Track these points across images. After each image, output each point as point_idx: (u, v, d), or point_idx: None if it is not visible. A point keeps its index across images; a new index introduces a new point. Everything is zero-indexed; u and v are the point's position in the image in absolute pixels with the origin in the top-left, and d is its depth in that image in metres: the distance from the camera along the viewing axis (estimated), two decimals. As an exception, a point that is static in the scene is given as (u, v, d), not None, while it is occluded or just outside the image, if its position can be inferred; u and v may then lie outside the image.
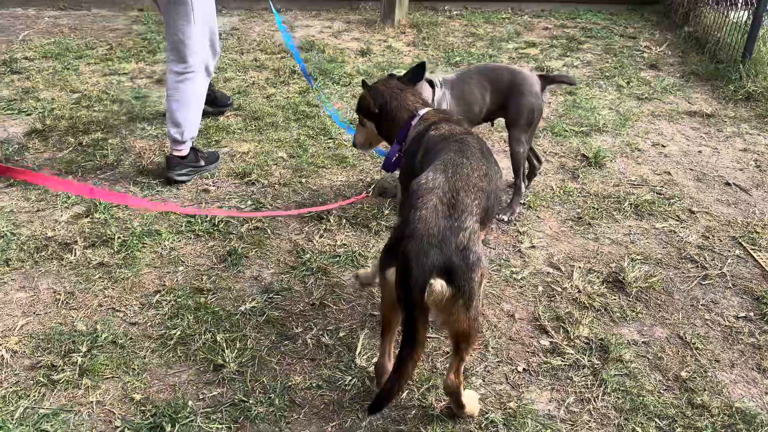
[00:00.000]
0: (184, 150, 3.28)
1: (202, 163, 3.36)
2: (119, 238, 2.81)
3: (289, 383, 2.11)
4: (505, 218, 3.04)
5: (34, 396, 2.03)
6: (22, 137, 3.71)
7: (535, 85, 2.95)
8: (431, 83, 2.93)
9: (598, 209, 3.15)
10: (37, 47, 5.19)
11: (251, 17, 6.15)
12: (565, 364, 2.24)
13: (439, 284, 1.68)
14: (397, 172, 2.50)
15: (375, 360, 2.13)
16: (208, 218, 2.95)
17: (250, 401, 2.04)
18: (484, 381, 2.16)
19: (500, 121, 3.14)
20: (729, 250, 2.88)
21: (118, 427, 1.94)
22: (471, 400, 1.99)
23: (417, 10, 6.45)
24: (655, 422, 2.02)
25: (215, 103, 3.99)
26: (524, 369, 2.22)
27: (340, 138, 3.78)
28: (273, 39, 5.52)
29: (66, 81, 4.53)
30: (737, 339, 2.38)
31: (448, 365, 1.94)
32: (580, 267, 2.73)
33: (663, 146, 3.83)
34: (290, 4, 6.42)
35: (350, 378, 2.14)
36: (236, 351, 2.22)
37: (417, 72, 2.61)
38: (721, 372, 2.23)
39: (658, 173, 3.52)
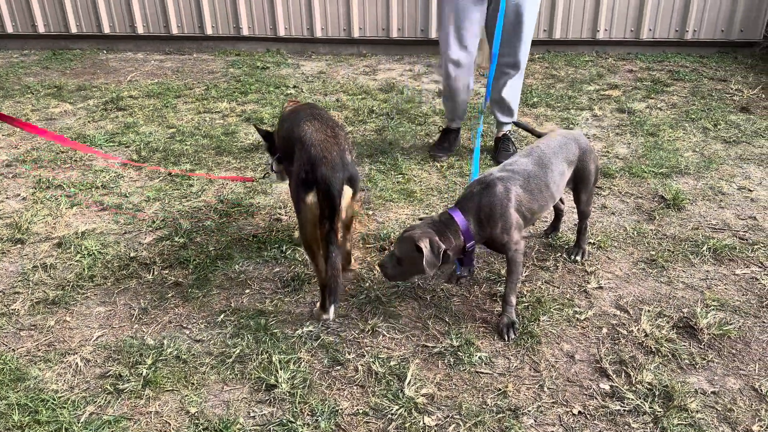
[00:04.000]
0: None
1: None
2: (194, 260, 2.97)
3: (337, 408, 2.13)
4: (579, 259, 2.96)
5: (100, 402, 2.16)
6: (118, 166, 4.03)
7: (592, 147, 2.89)
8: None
9: (673, 252, 3.01)
10: (141, 87, 5.66)
11: (338, 62, 6.41)
12: (624, 410, 2.13)
13: (347, 189, 2.39)
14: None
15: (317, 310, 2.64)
16: (277, 245, 3.07)
17: (298, 422, 2.07)
18: (535, 422, 2.09)
19: None
20: (819, 302, 2.66)
21: (172, 436, 2.03)
22: (355, 262, 2.89)
23: (499, 53, 6.50)
24: (720, 478, 1.88)
25: None
26: (580, 412, 2.13)
27: (409, 174, 3.85)
28: (356, 82, 5.73)
29: (164, 117, 4.89)
30: (822, 396, 2.17)
31: (342, 239, 2.55)
32: (649, 311, 2.61)
33: (750, 190, 3.61)
34: (374, 49, 6.65)
35: (397, 407, 2.13)
36: (289, 372, 2.27)
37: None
38: (801, 430, 2.04)
39: (742, 218, 3.32)
